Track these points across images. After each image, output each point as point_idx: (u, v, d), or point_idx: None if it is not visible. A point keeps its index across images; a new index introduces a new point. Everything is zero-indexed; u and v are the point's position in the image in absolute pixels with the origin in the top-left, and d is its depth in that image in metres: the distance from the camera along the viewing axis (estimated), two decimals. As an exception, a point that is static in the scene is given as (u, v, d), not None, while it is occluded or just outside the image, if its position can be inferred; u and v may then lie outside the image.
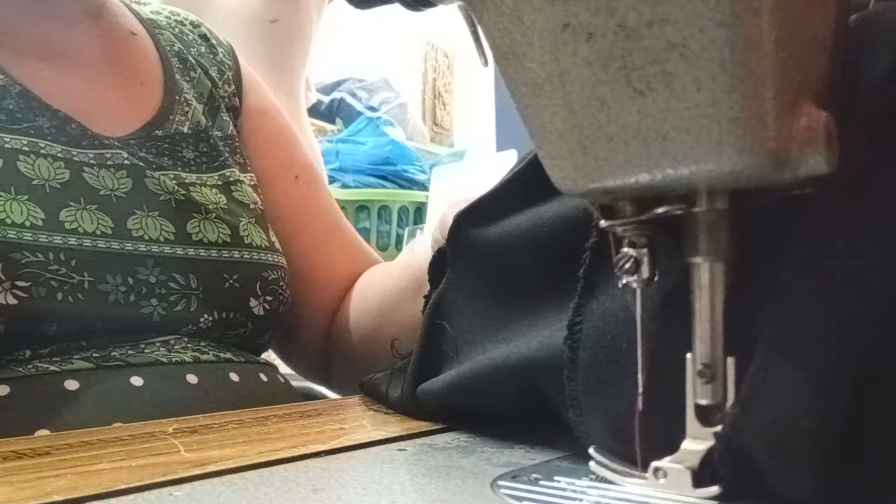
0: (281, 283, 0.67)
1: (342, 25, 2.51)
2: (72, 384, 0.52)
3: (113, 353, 0.55)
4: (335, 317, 0.75)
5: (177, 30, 0.77)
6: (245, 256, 0.65)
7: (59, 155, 0.58)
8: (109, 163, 0.60)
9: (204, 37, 0.79)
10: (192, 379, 0.56)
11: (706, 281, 0.28)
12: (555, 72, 0.27)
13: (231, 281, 0.63)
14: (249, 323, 0.64)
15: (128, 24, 0.72)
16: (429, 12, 0.34)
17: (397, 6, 0.34)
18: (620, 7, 0.25)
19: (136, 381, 0.54)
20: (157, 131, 0.67)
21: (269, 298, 0.65)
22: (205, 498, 0.29)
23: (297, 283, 0.73)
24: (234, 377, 0.59)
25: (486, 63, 0.31)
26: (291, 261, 0.72)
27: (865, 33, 0.29)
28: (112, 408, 0.51)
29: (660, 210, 0.28)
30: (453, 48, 3.36)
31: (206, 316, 0.61)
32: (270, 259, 0.67)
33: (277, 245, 0.70)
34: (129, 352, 0.56)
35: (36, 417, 0.50)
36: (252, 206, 0.69)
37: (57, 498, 0.29)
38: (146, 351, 0.56)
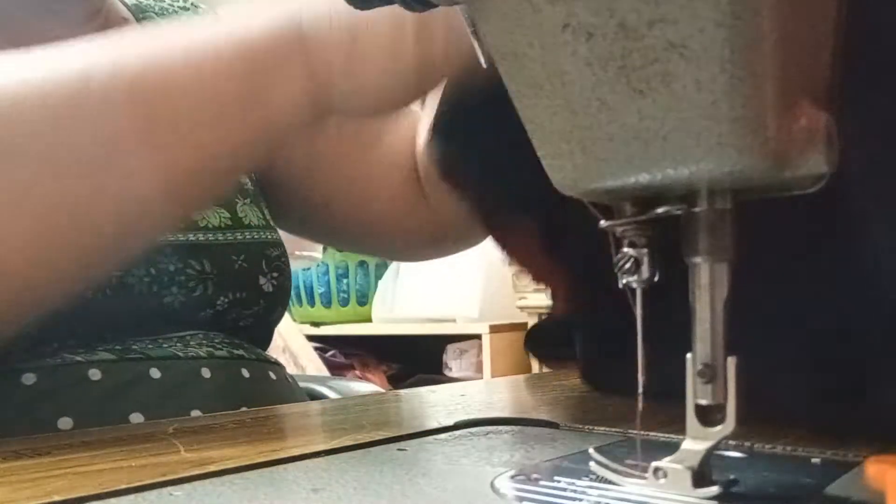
0: (283, 259, 0.70)
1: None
2: (95, 373, 0.55)
3: (133, 347, 0.57)
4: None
5: (157, 7, 0.78)
6: (247, 237, 0.67)
7: None
8: None
9: (194, 6, 0.80)
10: (206, 373, 0.59)
11: (706, 281, 0.28)
12: (555, 72, 0.27)
13: (239, 262, 0.65)
14: (261, 300, 0.66)
15: (120, 11, 0.73)
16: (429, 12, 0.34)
17: (397, 6, 0.34)
18: (620, 7, 0.25)
19: (155, 373, 0.57)
20: None
21: (275, 275, 0.68)
22: (205, 498, 0.29)
23: (368, 158, 0.72)
24: (245, 373, 0.61)
25: (486, 63, 0.31)
26: (352, 162, 0.71)
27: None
28: (132, 398, 0.54)
29: (660, 210, 0.28)
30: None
31: (221, 298, 0.63)
32: (269, 237, 0.70)
33: (272, 222, 0.72)
34: (149, 346, 0.58)
35: (60, 406, 0.51)
36: (245, 185, 0.71)
37: (57, 498, 0.29)
38: (164, 345, 0.59)
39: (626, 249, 0.30)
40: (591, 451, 0.31)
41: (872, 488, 0.27)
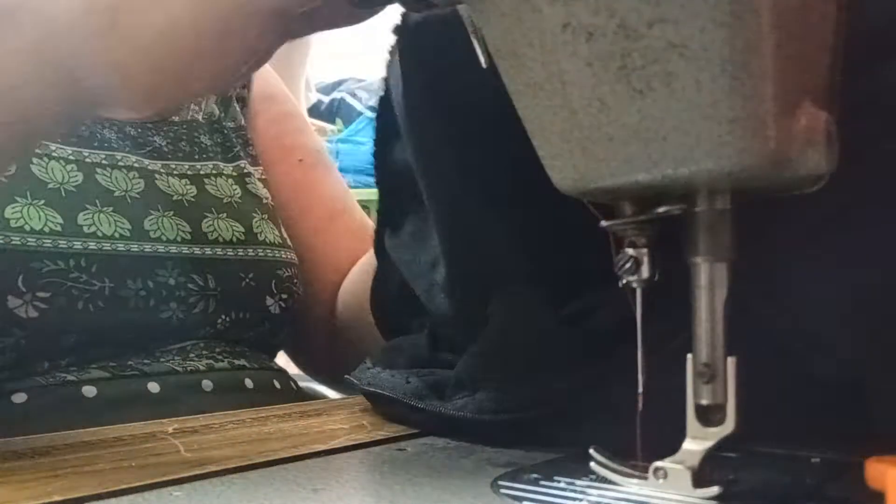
0: (294, 281, 0.66)
1: (342, 25, 2.51)
2: (89, 391, 0.52)
3: (129, 363, 0.55)
4: (336, 305, 0.73)
5: None
6: (259, 254, 0.64)
7: (70, 157, 0.58)
8: (121, 164, 0.60)
9: None
10: (207, 385, 0.57)
11: (706, 281, 0.28)
12: (555, 72, 0.27)
13: (247, 280, 0.62)
14: (266, 322, 0.63)
15: None
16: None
17: (397, 6, 0.34)
18: (620, 7, 0.25)
19: (153, 387, 0.54)
20: (173, 116, 0.67)
21: (284, 296, 0.64)
22: (205, 498, 0.29)
23: (300, 269, 0.71)
24: (248, 384, 0.59)
25: (486, 63, 0.31)
26: (293, 246, 0.70)
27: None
28: (129, 414, 0.52)
29: (660, 210, 0.28)
30: (453, 48, 3.35)
31: (223, 317, 0.60)
32: (284, 256, 0.67)
33: (289, 241, 0.69)
34: (145, 360, 0.56)
35: (53, 426, 0.50)
36: (265, 200, 0.69)
37: (57, 498, 0.29)
38: (162, 360, 0.57)
39: (626, 249, 0.30)
40: (591, 451, 0.31)
41: (872, 488, 0.27)
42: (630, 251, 0.29)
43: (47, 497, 0.29)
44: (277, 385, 0.62)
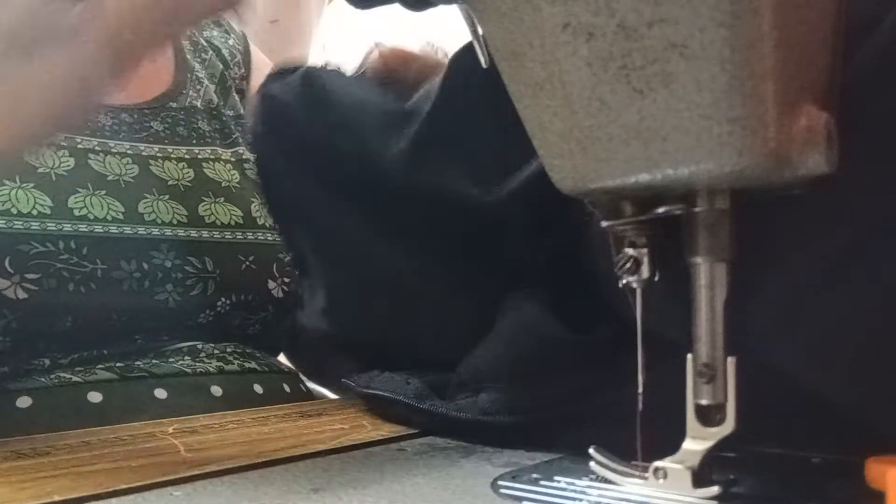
0: None
1: (342, 25, 2.51)
2: (95, 396, 0.52)
3: (136, 363, 0.54)
4: None
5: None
6: (259, 238, 0.64)
7: (62, 143, 0.57)
8: (114, 150, 0.60)
9: (216, 22, 0.79)
10: (216, 391, 0.56)
11: (706, 281, 0.28)
12: (555, 72, 0.27)
13: (247, 263, 0.62)
14: (270, 306, 0.63)
15: None
16: (429, 12, 0.34)
17: (397, 6, 0.34)
18: (620, 7, 0.25)
19: (160, 393, 0.54)
20: (171, 103, 0.67)
21: (286, 280, 0.64)
22: (205, 498, 0.29)
23: None
24: (258, 389, 0.58)
25: (486, 63, 0.31)
26: None
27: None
28: (135, 422, 0.51)
29: (660, 210, 0.28)
30: (453, 48, 3.36)
31: (223, 299, 0.60)
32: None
33: None
34: (154, 361, 0.55)
35: (57, 430, 0.49)
36: None
37: (57, 498, 0.29)
38: (171, 360, 0.56)
39: (626, 249, 0.30)
40: (591, 451, 0.31)
41: (872, 488, 0.27)
42: (630, 251, 0.29)
43: (47, 497, 0.29)
44: (287, 389, 0.61)
